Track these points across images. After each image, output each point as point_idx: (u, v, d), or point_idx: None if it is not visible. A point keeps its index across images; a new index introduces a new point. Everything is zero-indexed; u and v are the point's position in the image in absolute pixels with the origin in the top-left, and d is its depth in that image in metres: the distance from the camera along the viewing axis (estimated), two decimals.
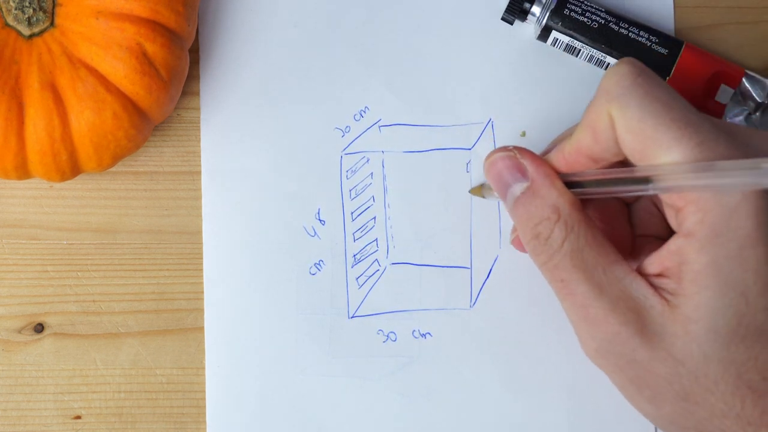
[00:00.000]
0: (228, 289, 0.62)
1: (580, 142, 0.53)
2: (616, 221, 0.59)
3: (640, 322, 0.51)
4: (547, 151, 0.57)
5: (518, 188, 0.55)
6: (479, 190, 0.61)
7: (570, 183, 0.54)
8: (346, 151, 0.64)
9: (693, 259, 0.49)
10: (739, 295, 0.49)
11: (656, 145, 0.50)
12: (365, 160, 0.63)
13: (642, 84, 0.51)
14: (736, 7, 0.65)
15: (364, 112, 0.64)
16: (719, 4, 0.65)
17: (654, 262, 0.51)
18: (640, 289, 0.51)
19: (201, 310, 0.63)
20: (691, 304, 0.50)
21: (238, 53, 0.64)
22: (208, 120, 0.63)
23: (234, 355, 0.62)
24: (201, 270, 0.63)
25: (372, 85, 0.64)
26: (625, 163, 0.54)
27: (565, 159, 0.54)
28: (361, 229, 0.63)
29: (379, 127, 0.64)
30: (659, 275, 0.51)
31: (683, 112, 0.50)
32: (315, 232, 0.63)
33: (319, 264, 0.63)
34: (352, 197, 0.63)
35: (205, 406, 0.62)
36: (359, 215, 0.63)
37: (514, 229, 0.60)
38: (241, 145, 0.63)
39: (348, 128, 0.64)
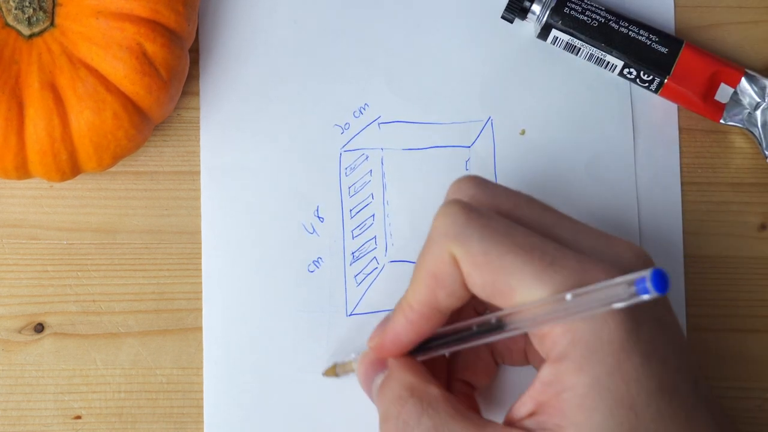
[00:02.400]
0: (226, 285, 0.63)
1: (422, 294, 0.52)
2: (480, 357, 0.59)
3: None
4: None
5: (379, 379, 0.55)
6: (332, 371, 0.62)
7: (427, 347, 0.55)
8: (346, 148, 0.64)
9: (573, 383, 0.48)
10: (628, 410, 0.48)
11: (506, 273, 0.49)
12: (364, 157, 0.64)
13: (477, 218, 0.51)
14: (736, 7, 0.65)
15: (364, 109, 0.64)
16: (719, 4, 0.65)
17: (526, 402, 0.50)
18: None
19: (201, 310, 0.63)
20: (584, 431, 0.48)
21: (238, 50, 0.64)
22: (207, 117, 0.64)
23: (232, 351, 0.62)
24: (201, 270, 0.63)
25: (371, 82, 0.64)
26: (461, 312, 0.56)
27: (409, 322, 0.53)
28: (360, 227, 0.63)
29: (379, 124, 0.64)
30: (532, 414, 0.50)
31: (525, 237, 0.50)
32: (314, 230, 0.63)
33: (317, 261, 0.63)
34: (351, 194, 0.64)
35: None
36: (358, 212, 0.64)
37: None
38: (241, 142, 0.64)
39: (347, 125, 0.64)
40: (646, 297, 0.46)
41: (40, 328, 0.63)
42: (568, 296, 0.48)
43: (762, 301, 0.64)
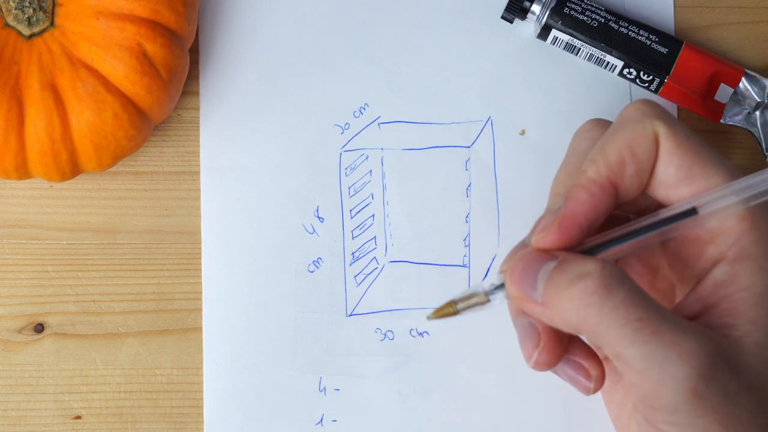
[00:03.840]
0: (226, 285, 0.63)
1: (611, 165, 0.50)
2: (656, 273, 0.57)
3: (723, 355, 0.48)
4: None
5: (550, 265, 0.50)
6: (448, 308, 0.54)
7: (618, 238, 0.51)
8: (346, 148, 0.64)
9: (752, 282, 0.48)
10: None
11: (704, 159, 0.49)
12: (364, 157, 0.64)
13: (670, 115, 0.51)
14: (736, 7, 0.66)
15: (364, 109, 0.64)
16: (719, 4, 0.66)
17: (691, 304, 0.50)
18: (702, 330, 0.48)
19: (201, 310, 0.63)
20: (760, 329, 0.48)
21: (238, 50, 0.64)
22: (207, 117, 0.64)
23: (232, 351, 0.63)
24: (201, 269, 0.64)
25: (372, 82, 0.65)
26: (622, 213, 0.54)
27: (590, 195, 0.50)
28: (360, 227, 0.64)
29: (379, 124, 0.64)
30: (697, 316, 0.49)
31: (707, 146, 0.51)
32: (314, 230, 0.64)
33: (317, 262, 0.63)
34: (351, 195, 0.64)
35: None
36: (358, 213, 0.64)
37: (530, 343, 0.53)
38: (241, 142, 0.64)
39: (347, 125, 0.64)
40: None
41: (40, 328, 0.63)
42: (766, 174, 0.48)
43: None
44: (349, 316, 0.63)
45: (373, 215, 0.64)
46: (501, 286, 0.52)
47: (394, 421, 0.63)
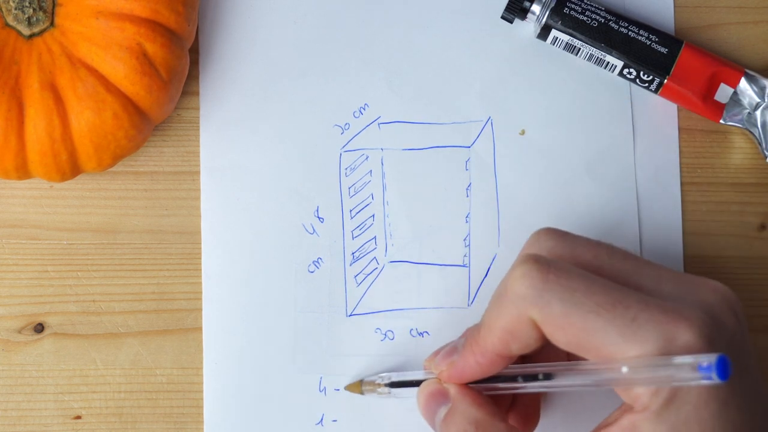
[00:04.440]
0: (226, 285, 0.63)
1: (495, 345, 0.53)
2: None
3: None
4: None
5: (443, 411, 0.56)
6: (357, 386, 0.62)
7: (502, 378, 0.55)
8: (346, 148, 0.65)
9: (651, 431, 0.50)
10: None
11: (590, 334, 0.50)
12: (364, 157, 0.65)
13: (555, 279, 0.51)
14: (736, 7, 0.66)
15: (364, 109, 0.65)
16: (719, 4, 0.66)
17: None
18: None
19: (201, 310, 0.63)
20: None
21: (238, 50, 0.64)
22: (207, 117, 0.64)
23: (232, 351, 0.63)
24: (201, 269, 0.64)
25: (372, 82, 0.65)
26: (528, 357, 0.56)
27: (477, 363, 0.54)
28: (360, 227, 0.64)
29: (379, 124, 0.65)
30: None
31: (606, 293, 0.50)
32: (314, 230, 0.64)
33: (317, 262, 0.64)
34: (351, 195, 0.64)
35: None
36: (358, 213, 0.64)
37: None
38: (241, 142, 0.64)
39: (347, 125, 0.65)
40: (706, 382, 0.47)
41: (40, 328, 0.63)
42: (624, 369, 0.49)
43: (762, 301, 0.65)
44: (349, 316, 0.63)
45: (373, 215, 0.64)
46: (406, 384, 0.60)
47: (393, 421, 0.63)
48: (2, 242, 0.63)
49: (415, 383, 0.59)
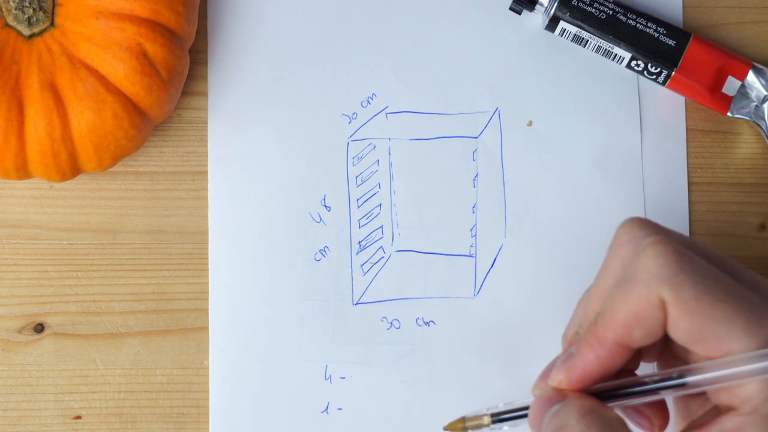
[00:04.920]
0: (233, 274, 0.64)
1: (617, 331, 0.51)
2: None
3: None
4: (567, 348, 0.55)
5: (554, 409, 0.53)
6: (458, 425, 0.57)
7: (620, 392, 0.53)
8: (353, 137, 0.65)
9: None
10: None
11: (716, 322, 0.49)
12: (372, 147, 0.65)
13: (689, 262, 0.50)
14: (744, 7, 0.66)
15: (372, 99, 0.65)
16: (726, 4, 0.66)
17: None
18: None
19: (201, 310, 0.64)
20: None
21: (247, 40, 0.65)
22: (215, 106, 0.65)
23: (238, 340, 0.64)
24: (201, 270, 0.64)
25: (380, 72, 0.66)
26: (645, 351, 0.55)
27: (598, 357, 0.52)
28: (367, 216, 0.65)
29: (386, 114, 0.65)
30: None
31: (734, 287, 0.50)
32: (321, 219, 0.65)
33: (324, 250, 0.64)
34: (358, 184, 0.65)
35: (205, 406, 0.63)
36: (365, 202, 0.65)
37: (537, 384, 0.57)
38: (248, 131, 0.65)
39: (355, 115, 0.65)
40: None
41: (40, 328, 0.64)
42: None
43: None
44: (356, 304, 0.64)
45: (380, 204, 0.65)
46: (510, 416, 0.56)
47: (399, 410, 0.64)
48: (2, 242, 0.64)
49: (525, 409, 0.56)
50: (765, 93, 0.64)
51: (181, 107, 0.65)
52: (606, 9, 0.64)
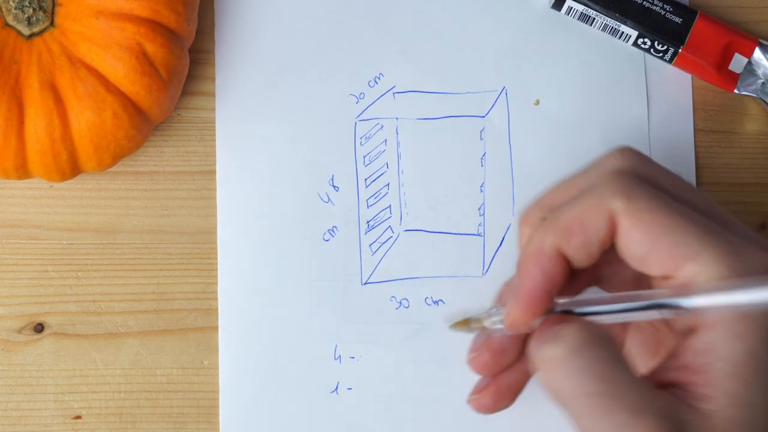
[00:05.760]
0: (241, 254, 0.65)
1: (558, 234, 0.51)
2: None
3: None
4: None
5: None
6: (465, 323, 0.58)
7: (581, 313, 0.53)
8: (361, 117, 0.66)
9: (728, 352, 0.48)
10: None
11: (669, 232, 0.49)
12: (379, 126, 0.66)
13: (645, 187, 0.50)
14: None
15: (379, 78, 0.66)
16: None
17: (671, 369, 0.50)
18: (669, 403, 0.49)
19: (201, 310, 0.65)
20: (735, 403, 0.48)
21: (253, 20, 0.66)
22: (222, 87, 0.66)
23: (246, 320, 0.64)
24: (201, 270, 0.65)
25: (386, 51, 0.67)
26: (587, 278, 0.55)
27: (539, 265, 0.51)
28: (375, 196, 0.66)
29: (394, 94, 0.66)
30: (673, 383, 0.49)
31: (689, 210, 0.50)
32: (329, 199, 0.66)
33: (332, 230, 0.65)
34: (366, 164, 0.66)
35: (205, 406, 0.64)
36: (373, 182, 0.66)
37: (474, 348, 0.57)
38: (255, 112, 0.66)
39: (362, 95, 0.66)
40: None
41: (40, 328, 0.64)
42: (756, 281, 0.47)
43: None
44: (364, 284, 0.65)
45: (388, 184, 0.66)
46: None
47: (409, 389, 0.65)
48: (2, 242, 0.64)
49: None
50: None
51: (182, 107, 0.66)
52: None
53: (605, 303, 0.52)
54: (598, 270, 0.56)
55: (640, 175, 0.52)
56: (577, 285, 0.56)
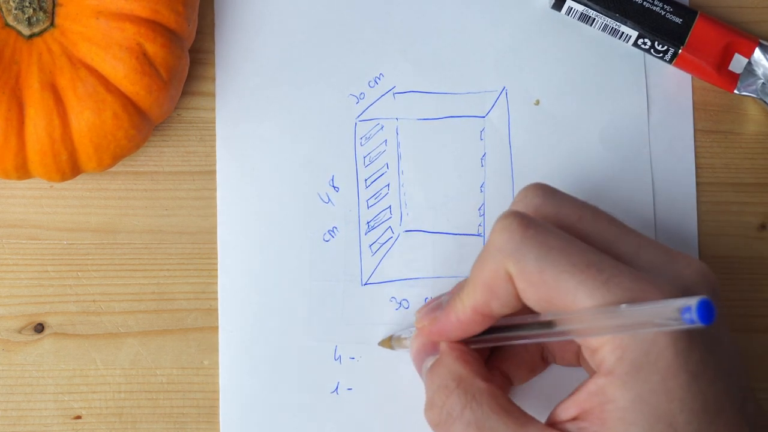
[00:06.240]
0: (241, 254, 0.65)
1: (477, 302, 0.54)
2: (527, 352, 0.62)
3: None
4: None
5: (430, 361, 0.58)
6: (388, 342, 0.64)
7: (478, 337, 0.57)
8: (361, 118, 0.66)
9: (617, 397, 0.51)
10: (667, 427, 0.50)
11: (561, 293, 0.51)
12: (379, 127, 0.66)
13: (534, 235, 0.52)
14: None
15: (379, 79, 0.67)
16: None
17: (570, 406, 0.53)
18: None
19: (201, 310, 0.65)
20: None
21: (254, 19, 0.66)
22: (222, 86, 0.66)
23: (246, 320, 0.65)
24: (201, 270, 0.65)
25: (387, 52, 0.67)
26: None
27: (459, 321, 0.56)
28: (375, 196, 0.66)
29: (394, 94, 0.67)
30: (575, 419, 0.52)
31: (582, 255, 0.52)
32: (329, 199, 0.66)
33: (332, 231, 0.66)
34: (366, 164, 0.66)
35: (205, 406, 0.64)
36: (373, 182, 0.66)
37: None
38: (256, 111, 0.66)
39: (362, 95, 0.67)
40: (689, 326, 0.47)
41: (40, 328, 0.64)
42: (621, 308, 0.49)
43: (762, 301, 0.66)
44: (364, 285, 0.65)
45: (388, 185, 0.66)
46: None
47: (409, 390, 0.65)
48: (2, 242, 0.64)
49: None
50: None
51: (182, 107, 0.66)
52: None
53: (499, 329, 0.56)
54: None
55: (541, 214, 0.54)
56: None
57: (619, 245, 0.54)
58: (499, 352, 0.61)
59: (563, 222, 0.54)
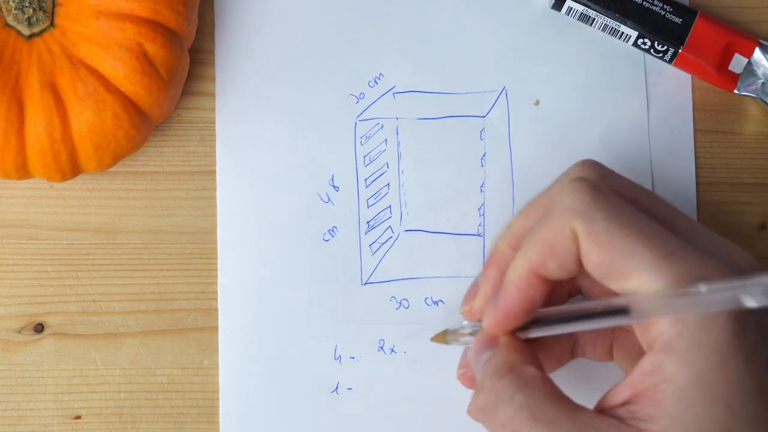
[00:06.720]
0: (241, 254, 0.65)
1: (532, 261, 0.54)
2: (558, 343, 0.62)
3: None
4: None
5: (487, 355, 0.57)
6: (442, 337, 0.63)
7: (540, 320, 0.57)
8: (361, 117, 0.67)
9: (675, 375, 0.50)
10: (725, 408, 0.50)
11: (625, 256, 0.51)
12: (379, 126, 0.67)
13: (603, 198, 0.53)
14: None
15: (379, 78, 0.67)
16: None
17: (622, 390, 0.52)
18: (612, 429, 0.51)
19: (201, 310, 0.65)
20: (678, 424, 0.50)
21: (254, 20, 0.67)
22: (222, 86, 0.66)
23: (246, 320, 0.65)
24: (201, 270, 0.65)
25: (387, 51, 0.67)
26: (570, 287, 0.59)
27: (518, 289, 0.55)
28: (375, 196, 0.66)
29: (394, 94, 0.67)
30: (626, 403, 0.52)
31: (649, 224, 0.52)
32: (329, 199, 0.66)
33: (332, 230, 0.66)
34: (366, 164, 0.67)
35: (205, 406, 0.65)
36: (373, 182, 0.67)
37: (462, 365, 0.62)
38: (256, 111, 0.66)
39: (362, 95, 0.67)
40: (759, 305, 0.48)
41: (40, 328, 0.65)
42: (703, 288, 0.49)
43: None
44: (365, 284, 0.66)
45: (388, 184, 0.66)
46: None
47: (409, 390, 0.65)
48: (2, 242, 0.65)
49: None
50: None
51: (182, 107, 0.66)
52: None
53: (559, 313, 0.56)
54: (577, 281, 0.59)
55: (601, 184, 0.54)
56: (559, 295, 0.60)
57: (674, 227, 0.54)
58: (531, 346, 0.60)
59: (623, 196, 0.54)
